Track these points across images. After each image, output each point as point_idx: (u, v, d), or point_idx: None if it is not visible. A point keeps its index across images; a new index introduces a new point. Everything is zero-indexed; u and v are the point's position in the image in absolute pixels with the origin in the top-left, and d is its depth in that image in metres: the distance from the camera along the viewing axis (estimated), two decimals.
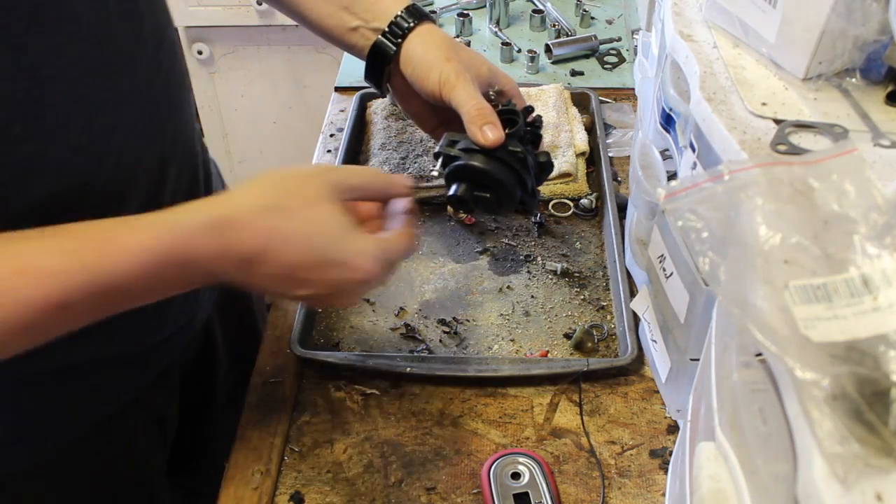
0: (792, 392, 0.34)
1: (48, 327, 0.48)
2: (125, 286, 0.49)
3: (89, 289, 0.47)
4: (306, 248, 0.53)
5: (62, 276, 0.47)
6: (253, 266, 0.52)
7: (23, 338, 0.47)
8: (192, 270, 0.51)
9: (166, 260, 0.49)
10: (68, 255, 0.47)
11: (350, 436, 0.70)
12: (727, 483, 0.39)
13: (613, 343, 0.77)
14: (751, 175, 0.40)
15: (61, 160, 0.54)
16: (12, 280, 0.46)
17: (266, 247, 0.52)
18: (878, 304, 0.35)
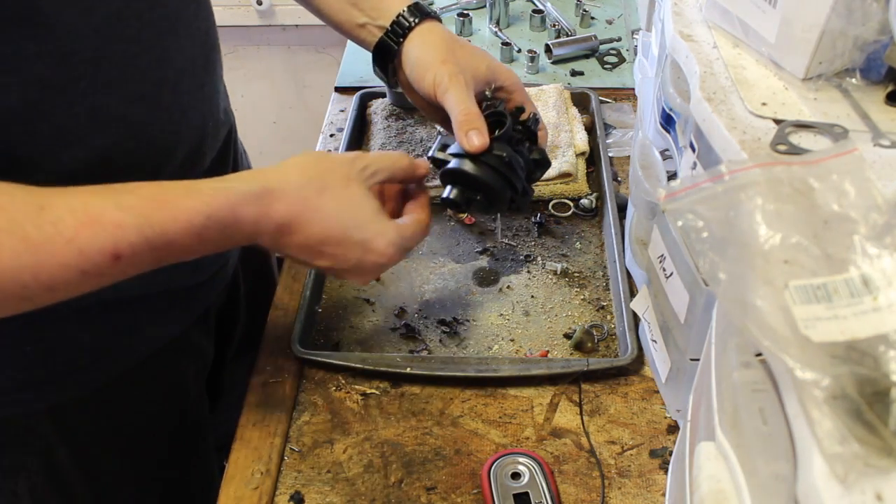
0: (792, 392, 0.34)
1: (102, 274, 0.52)
2: (174, 242, 0.54)
3: (143, 243, 0.52)
4: (334, 225, 0.60)
5: (123, 228, 0.51)
6: (285, 234, 0.59)
7: (81, 282, 0.52)
8: (234, 233, 0.57)
9: (213, 223, 0.55)
10: (130, 211, 0.52)
11: (350, 436, 0.70)
12: (727, 483, 0.39)
13: (613, 343, 0.77)
14: (751, 175, 0.40)
15: (120, 111, 0.58)
16: (80, 229, 0.50)
17: (299, 217, 0.59)
18: (878, 304, 0.35)
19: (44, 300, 0.52)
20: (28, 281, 0.49)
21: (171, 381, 0.80)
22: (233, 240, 0.58)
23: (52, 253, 0.50)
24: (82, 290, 0.53)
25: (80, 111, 0.56)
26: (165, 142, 0.64)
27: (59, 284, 0.51)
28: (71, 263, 0.50)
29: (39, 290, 0.51)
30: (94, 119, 0.57)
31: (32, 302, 0.52)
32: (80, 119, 0.56)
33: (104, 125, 0.58)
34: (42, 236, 0.49)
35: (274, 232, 0.58)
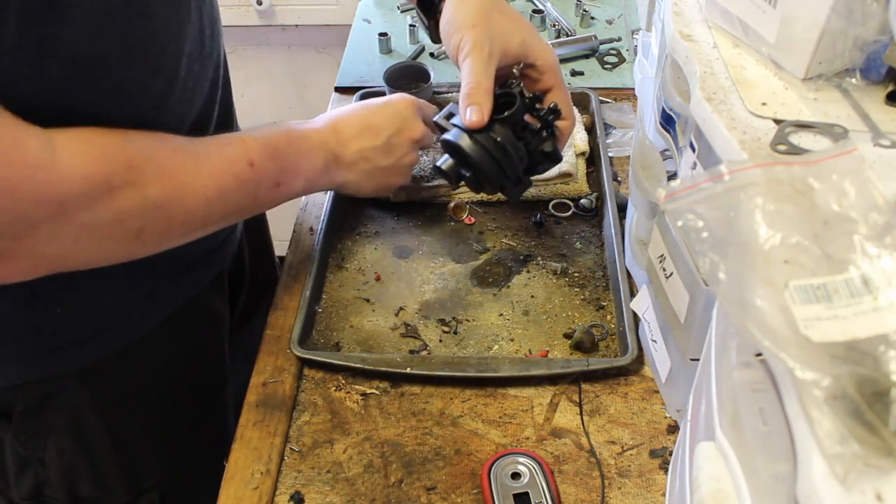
0: (792, 392, 0.34)
1: (247, 180, 0.68)
2: (278, 148, 0.71)
3: (262, 150, 0.69)
4: (367, 103, 0.82)
5: (247, 142, 0.69)
6: (340, 129, 0.77)
7: (234, 189, 0.67)
8: (310, 143, 0.75)
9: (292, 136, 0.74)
10: (248, 133, 0.71)
11: (350, 436, 0.70)
12: (727, 483, 0.39)
13: (613, 343, 0.77)
14: (751, 175, 0.40)
15: (143, 84, 0.63)
16: (223, 146, 0.67)
17: (340, 115, 0.79)
18: (878, 304, 0.35)
19: (217, 210, 0.66)
20: (207, 183, 0.64)
21: (190, 343, 0.84)
22: (312, 150, 0.75)
23: (214, 163, 0.65)
24: (237, 200, 0.68)
25: (107, 86, 0.60)
26: (180, 110, 0.68)
27: (225, 187, 0.66)
28: (226, 170, 0.66)
29: (214, 192, 0.65)
30: (120, 92, 0.61)
31: (211, 207, 0.65)
32: (108, 93, 0.60)
33: (128, 98, 0.62)
34: (204, 152, 0.65)
35: (333, 132, 0.77)
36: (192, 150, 0.64)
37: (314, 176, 0.75)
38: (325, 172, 0.76)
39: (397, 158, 0.80)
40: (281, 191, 0.72)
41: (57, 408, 0.76)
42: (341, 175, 0.78)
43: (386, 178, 0.81)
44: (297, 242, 0.90)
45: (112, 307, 0.74)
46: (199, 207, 0.65)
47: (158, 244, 0.65)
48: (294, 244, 0.90)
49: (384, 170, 0.80)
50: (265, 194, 0.71)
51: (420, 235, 0.90)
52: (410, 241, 0.89)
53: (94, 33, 0.56)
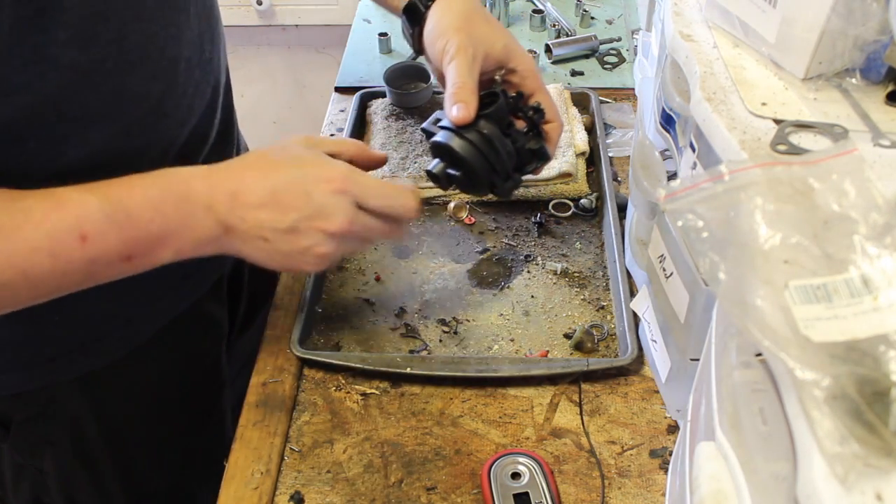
0: (792, 392, 0.34)
1: (72, 259, 0.55)
2: (134, 216, 0.56)
3: (105, 219, 0.55)
4: (282, 165, 0.62)
5: (85, 206, 0.55)
6: (238, 197, 0.60)
7: (53, 268, 0.54)
8: (191, 207, 0.59)
9: (168, 194, 0.58)
10: (92, 191, 0.56)
11: (350, 436, 0.70)
12: (727, 483, 0.39)
13: (613, 343, 0.77)
14: (751, 175, 0.40)
15: (141, 89, 0.61)
16: (48, 212, 0.54)
17: (247, 171, 0.62)
18: (878, 304, 0.35)
19: (23, 293, 0.55)
20: (3, 267, 0.52)
21: (188, 350, 0.82)
22: (192, 216, 0.59)
23: (23, 238, 0.53)
24: (57, 280, 0.55)
25: (105, 91, 0.58)
26: (180, 115, 0.67)
27: (33, 271, 0.53)
28: (41, 247, 0.53)
29: (16, 278, 0.53)
30: (119, 98, 0.60)
31: (13, 293, 0.54)
32: (107, 98, 0.59)
33: (128, 103, 0.61)
34: (12, 222, 0.53)
35: (229, 198, 0.60)
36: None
37: (192, 245, 0.61)
38: (211, 242, 0.61)
39: (302, 248, 0.62)
40: (133, 264, 0.59)
41: (55, 417, 0.75)
42: (235, 246, 0.62)
43: (289, 263, 0.64)
44: None
45: (111, 315, 0.72)
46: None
47: None
48: None
49: (285, 255, 0.63)
50: (105, 270, 0.58)
51: (420, 235, 0.90)
52: (410, 241, 0.89)
53: (89, 38, 0.56)
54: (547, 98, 0.74)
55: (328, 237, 0.62)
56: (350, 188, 0.62)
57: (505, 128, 0.68)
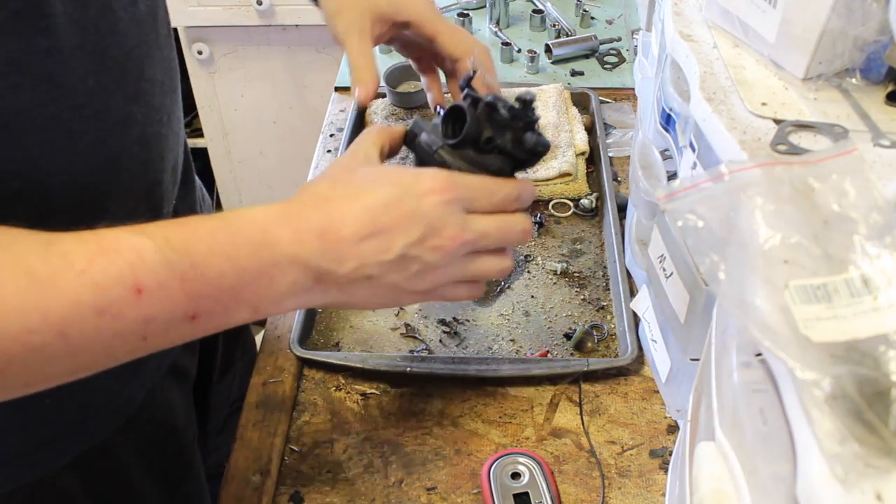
0: (792, 392, 0.34)
1: (123, 316, 0.43)
2: (202, 267, 0.45)
3: (167, 269, 0.44)
4: (355, 179, 0.52)
5: (141, 253, 0.43)
6: (330, 234, 0.49)
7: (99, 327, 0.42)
8: (272, 254, 0.48)
9: (240, 239, 0.47)
10: (148, 234, 0.44)
11: (350, 436, 0.70)
12: (727, 483, 0.39)
13: (613, 343, 0.77)
14: (751, 175, 0.40)
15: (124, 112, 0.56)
16: (93, 258, 0.42)
17: (328, 202, 0.50)
18: (878, 304, 0.35)
19: (60, 356, 0.42)
20: (37, 323, 0.40)
21: (168, 409, 0.75)
22: (275, 267, 0.48)
23: (62, 288, 0.41)
24: (104, 344, 0.43)
25: (88, 113, 0.53)
26: (159, 146, 0.61)
27: (73, 329, 0.41)
28: (85, 300, 0.41)
29: (51, 337, 0.41)
30: (102, 120, 0.54)
31: (46, 355, 0.42)
32: (89, 122, 0.53)
33: (111, 126, 0.55)
34: (49, 269, 0.41)
35: (319, 239, 0.49)
36: (29, 264, 0.41)
37: (272, 302, 0.49)
38: (296, 296, 0.50)
39: (411, 275, 0.52)
40: (199, 325, 0.47)
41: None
42: (330, 296, 0.52)
43: (396, 297, 0.54)
44: None
45: (102, 387, 0.65)
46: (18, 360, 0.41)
47: None
48: None
49: (392, 288, 0.53)
50: (165, 332, 0.46)
51: None
52: None
53: (71, 49, 0.51)
54: (453, 37, 0.68)
55: (443, 257, 0.53)
56: (459, 194, 0.53)
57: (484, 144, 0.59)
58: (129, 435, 0.69)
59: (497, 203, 0.56)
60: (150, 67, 0.59)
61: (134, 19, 0.57)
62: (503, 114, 0.58)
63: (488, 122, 0.59)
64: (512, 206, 0.57)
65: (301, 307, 0.53)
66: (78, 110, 0.52)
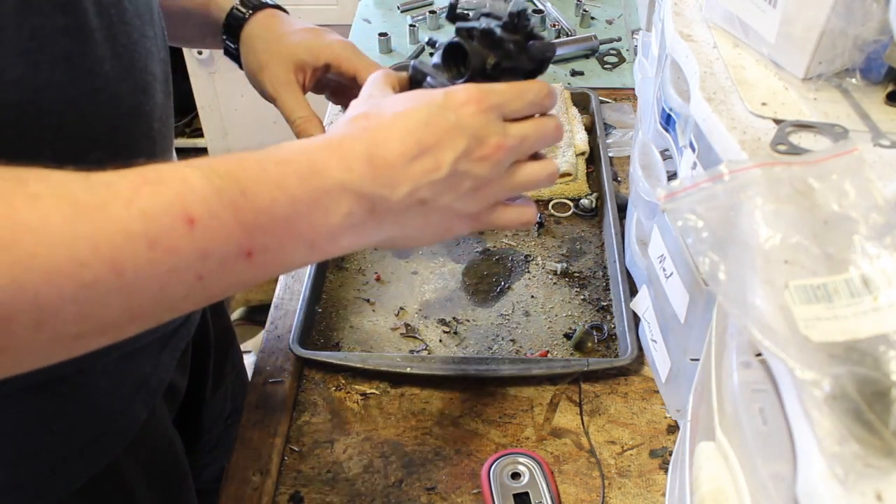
0: (792, 392, 0.34)
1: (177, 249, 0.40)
2: (252, 195, 0.43)
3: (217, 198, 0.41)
4: (407, 109, 0.50)
5: (189, 182, 0.41)
6: (377, 159, 0.47)
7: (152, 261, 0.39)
8: (321, 180, 0.45)
9: (289, 168, 0.45)
10: (193, 165, 0.42)
11: (350, 436, 0.70)
12: (727, 483, 0.39)
13: (613, 343, 0.77)
14: (751, 175, 0.40)
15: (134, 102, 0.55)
16: (139, 187, 0.40)
17: (369, 129, 0.48)
18: (878, 304, 0.35)
19: (114, 293, 0.39)
20: (87, 255, 0.37)
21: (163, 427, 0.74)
22: (327, 195, 0.46)
23: (111, 218, 0.38)
24: (159, 282, 0.40)
25: (103, 99, 0.51)
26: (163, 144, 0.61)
27: (126, 262, 0.38)
28: (135, 230, 0.38)
29: (103, 271, 0.38)
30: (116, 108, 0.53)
31: (99, 293, 0.38)
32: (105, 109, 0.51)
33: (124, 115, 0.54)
34: (96, 198, 0.38)
35: (367, 165, 0.47)
36: (71, 194, 0.38)
37: (328, 236, 0.47)
38: (352, 229, 0.47)
39: (464, 193, 0.51)
40: (256, 264, 0.44)
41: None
42: (383, 230, 0.50)
43: (451, 222, 0.53)
44: None
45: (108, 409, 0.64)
46: (69, 298, 0.37)
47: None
48: None
49: (446, 210, 0.51)
50: (220, 270, 0.42)
51: None
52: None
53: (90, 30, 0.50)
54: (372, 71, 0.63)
55: (492, 167, 0.51)
56: (494, 100, 0.52)
57: (492, 71, 0.58)
58: (133, 455, 0.68)
59: (529, 102, 0.55)
60: (151, 63, 0.59)
61: (136, 11, 0.57)
62: (499, 34, 0.57)
63: (489, 48, 0.58)
64: (545, 104, 0.56)
65: (357, 246, 0.50)
66: (94, 95, 0.50)
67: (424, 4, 1.34)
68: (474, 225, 0.55)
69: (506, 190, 0.54)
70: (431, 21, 1.28)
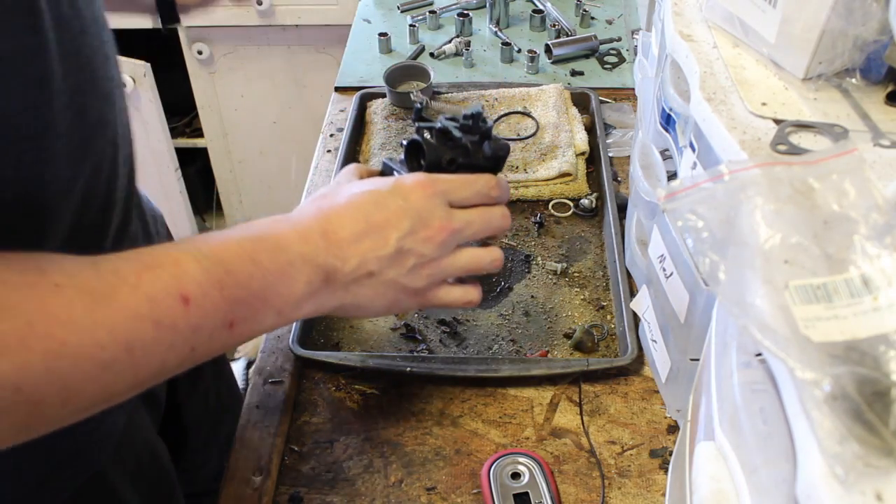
0: (792, 392, 0.34)
1: (176, 327, 0.46)
2: (235, 272, 0.49)
3: (206, 277, 0.47)
4: (347, 188, 0.58)
5: (182, 265, 0.47)
6: (331, 234, 0.55)
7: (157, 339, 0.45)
8: (286, 255, 0.53)
9: (261, 245, 0.51)
10: (183, 248, 0.48)
11: (350, 436, 0.70)
12: (727, 483, 0.39)
13: (613, 343, 0.77)
14: (751, 175, 0.40)
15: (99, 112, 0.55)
16: (141, 273, 0.45)
17: (324, 210, 0.56)
18: (878, 304, 0.35)
19: (125, 370, 0.44)
20: (105, 339, 0.42)
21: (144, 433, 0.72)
22: (291, 266, 0.52)
23: (122, 303, 0.43)
24: (161, 356, 0.46)
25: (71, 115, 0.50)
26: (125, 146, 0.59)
27: (136, 342, 0.44)
28: (143, 313, 0.44)
29: (118, 352, 0.43)
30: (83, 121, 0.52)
31: (114, 372, 0.44)
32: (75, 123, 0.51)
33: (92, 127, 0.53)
34: (106, 286, 0.43)
35: (322, 238, 0.54)
36: (87, 283, 0.43)
37: (293, 304, 0.53)
38: (310, 297, 0.54)
39: (408, 270, 0.57)
40: (235, 333, 0.50)
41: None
42: (336, 297, 0.56)
43: (393, 297, 0.59)
44: None
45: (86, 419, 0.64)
46: (91, 378, 0.42)
47: (15, 437, 0.42)
48: None
49: (392, 284, 0.58)
50: (208, 341, 0.49)
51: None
52: None
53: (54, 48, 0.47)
54: None
55: (435, 247, 0.58)
56: (439, 187, 0.59)
57: (447, 165, 0.62)
58: (117, 464, 0.67)
59: (477, 192, 0.61)
60: (111, 68, 0.57)
61: (94, 18, 0.54)
62: (455, 134, 0.62)
63: (445, 146, 0.63)
64: (491, 195, 0.62)
65: (315, 312, 0.56)
66: (63, 112, 0.49)
67: (424, 4, 1.34)
68: (420, 301, 0.61)
69: (450, 270, 0.60)
70: (431, 21, 1.28)
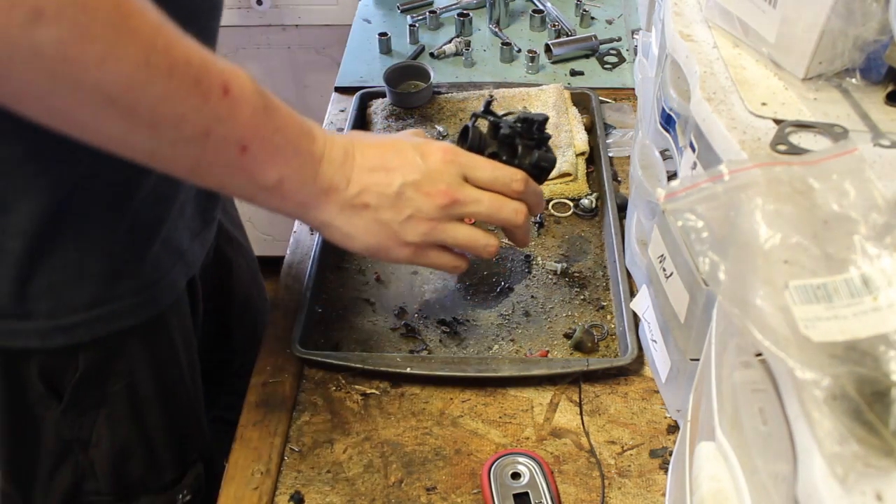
0: (792, 392, 0.34)
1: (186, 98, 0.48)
2: (272, 110, 0.54)
3: (255, 91, 0.53)
4: (391, 139, 0.63)
5: (230, 66, 0.52)
6: (349, 156, 0.59)
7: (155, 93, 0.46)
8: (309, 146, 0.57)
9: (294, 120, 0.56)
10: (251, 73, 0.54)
11: (350, 436, 0.70)
12: (727, 483, 0.39)
13: (613, 343, 0.77)
14: (751, 175, 0.40)
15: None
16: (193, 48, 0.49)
17: (360, 138, 0.62)
18: (878, 304, 0.35)
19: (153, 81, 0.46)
20: (159, 44, 0.46)
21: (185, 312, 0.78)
22: (309, 155, 0.57)
23: (182, 48, 0.48)
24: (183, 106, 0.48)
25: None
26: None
27: (174, 77, 0.47)
28: (192, 71, 0.48)
29: (159, 64, 0.46)
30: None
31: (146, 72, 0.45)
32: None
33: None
34: (173, 30, 0.48)
35: (342, 153, 0.59)
36: (160, 18, 0.46)
37: (293, 183, 0.56)
38: (307, 193, 0.57)
39: (403, 218, 0.60)
40: (243, 162, 0.52)
41: (115, 372, 0.69)
42: (327, 214, 0.59)
43: (383, 239, 0.61)
44: (297, 242, 0.90)
45: (172, 251, 0.70)
46: (123, 80, 0.44)
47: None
48: (294, 244, 0.90)
49: (383, 226, 0.60)
50: (219, 148, 0.50)
51: None
52: None
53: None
54: None
55: (435, 207, 0.61)
56: (459, 159, 0.62)
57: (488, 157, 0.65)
58: (174, 316, 0.74)
59: (496, 177, 0.63)
60: None
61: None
62: (506, 131, 0.64)
63: (494, 139, 0.65)
64: (513, 187, 0.64)
65: (306, 214, 0.59)
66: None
67: (424, 4, 1.34)
68: (409, 255, 0.63)
69: (442, 237, 0.63)
70: (431, 21, 1.28)
